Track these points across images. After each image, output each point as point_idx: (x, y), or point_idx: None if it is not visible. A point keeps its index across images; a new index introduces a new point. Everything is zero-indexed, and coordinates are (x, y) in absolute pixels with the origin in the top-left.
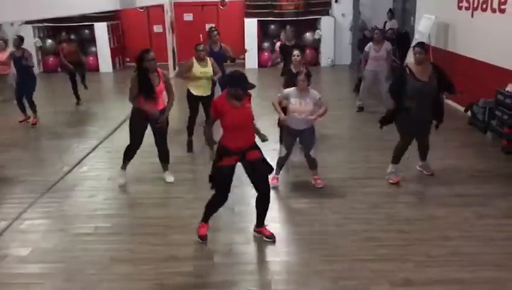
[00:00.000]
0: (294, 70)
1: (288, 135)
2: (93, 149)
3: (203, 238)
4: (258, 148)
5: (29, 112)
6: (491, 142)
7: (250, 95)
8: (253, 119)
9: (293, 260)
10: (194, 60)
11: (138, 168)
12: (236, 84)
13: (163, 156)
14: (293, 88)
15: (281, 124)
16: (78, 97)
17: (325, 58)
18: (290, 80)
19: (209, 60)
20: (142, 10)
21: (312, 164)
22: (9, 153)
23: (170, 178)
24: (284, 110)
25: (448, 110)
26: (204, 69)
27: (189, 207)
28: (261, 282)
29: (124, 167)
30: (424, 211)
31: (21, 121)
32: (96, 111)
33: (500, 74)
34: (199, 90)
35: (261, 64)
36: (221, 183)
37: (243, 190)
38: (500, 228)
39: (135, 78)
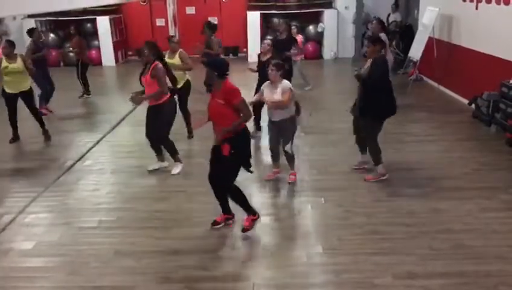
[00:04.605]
0: (262, 59)
1: (270, 128)
2: (97, 143)
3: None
4: (229, 143)
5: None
6: (495, 135)
7: (221, 89)
8: (224, 117)
9: (296, 254)
10: (167, 52)
11: (142, 162)
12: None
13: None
14: (266, 82)
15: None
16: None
17: (328, 51)
18: (257, 67)
19: (178, 53)
20: (144, 3)
21: (289, 159)
22: (13, 147)
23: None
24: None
25: (452, 103)
26: (171, 60)
27: (192, 201)
28: (265, 275)
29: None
30: (427, 204)
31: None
32: (99, 105)
33: (505, 67)
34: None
35: None
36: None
37: (248, 184)
38: (503, 221)
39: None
